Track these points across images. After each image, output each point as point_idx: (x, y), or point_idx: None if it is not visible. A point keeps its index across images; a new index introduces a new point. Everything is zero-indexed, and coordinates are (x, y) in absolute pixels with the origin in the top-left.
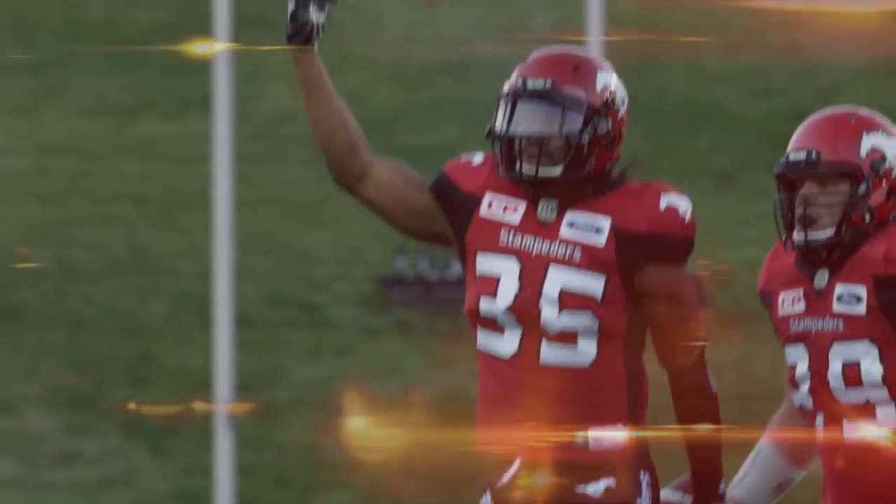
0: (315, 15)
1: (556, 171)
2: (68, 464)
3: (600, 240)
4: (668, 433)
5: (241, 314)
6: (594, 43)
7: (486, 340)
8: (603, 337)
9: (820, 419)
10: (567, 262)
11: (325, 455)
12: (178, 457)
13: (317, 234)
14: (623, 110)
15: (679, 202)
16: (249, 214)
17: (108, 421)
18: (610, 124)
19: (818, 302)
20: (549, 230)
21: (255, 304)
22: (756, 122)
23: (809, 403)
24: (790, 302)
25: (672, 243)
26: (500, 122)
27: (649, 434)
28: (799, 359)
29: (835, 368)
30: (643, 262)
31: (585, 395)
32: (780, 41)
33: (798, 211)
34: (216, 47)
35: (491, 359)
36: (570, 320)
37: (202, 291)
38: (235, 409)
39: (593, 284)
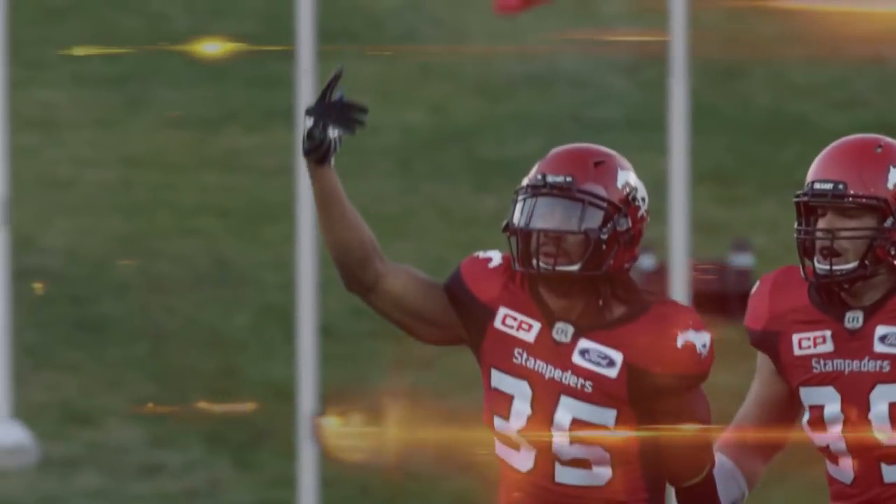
0: (332, 132)
1: (575, 267)
2: (152, 476)
3: (612, 373)
4: None
5: (325, 326)
6: (677, 51)
7: (503, 451)
8: (617, 461)
9: (848, 462)
10: (578, 394)
11: (409, 467)
12: (263, 468)
13: (401, 245)
14: (643, 209)
15: (697, 340)
16: None
17: (192, 433)
18: (630, 222)
19: (853, 343)
20: (561, 355)
21: (339, 316)
22: (841, 135)
23: (841, 446)
24: (811, 342)
25: (685, 379)
26: (518, 217)
27: None
28: (827, 400)
29: (880, 410)
30: (654, 396)
31: None
32: (864, 53)
33: (821, 242)
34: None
35: (510, 469)
36: (581, 450)
37: (286, 303)
38: (326, 420)
39: (604, 417)
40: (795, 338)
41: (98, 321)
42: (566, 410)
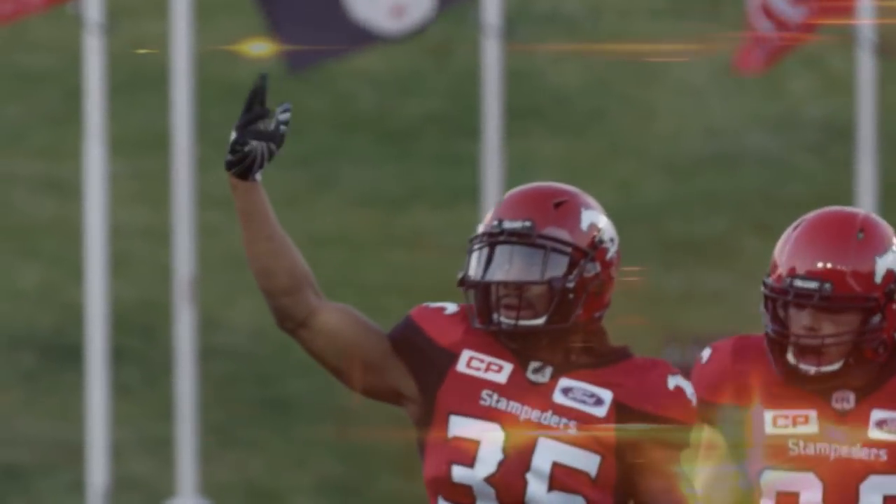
0: (259, 146)
1: (539, 321)
2: None
3: (600, 412)
4: None
5: None
6: (865, 128)
7: None
8: None
9: None
10: (560, 435)
11: None
12: None
13: None
14: (613, 251)
15: (686, 387)
16: None
17: None
18: (598, 267)
19: (842, 426)
20: (539, 395)
21: None
22: None
23: None
24: (789, 422)
25: (677, 427)
26: (474, 268)
27: None
28: (804, 487)
29: (871, 502)
30: (643, 443)
31: None
32: None
33: (802, 340)
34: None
35: None
36: (559, 500)
37: None
38: None
39: (588, 463)
40: (769, 415)
41: (284, 400)
42: (546, 454)
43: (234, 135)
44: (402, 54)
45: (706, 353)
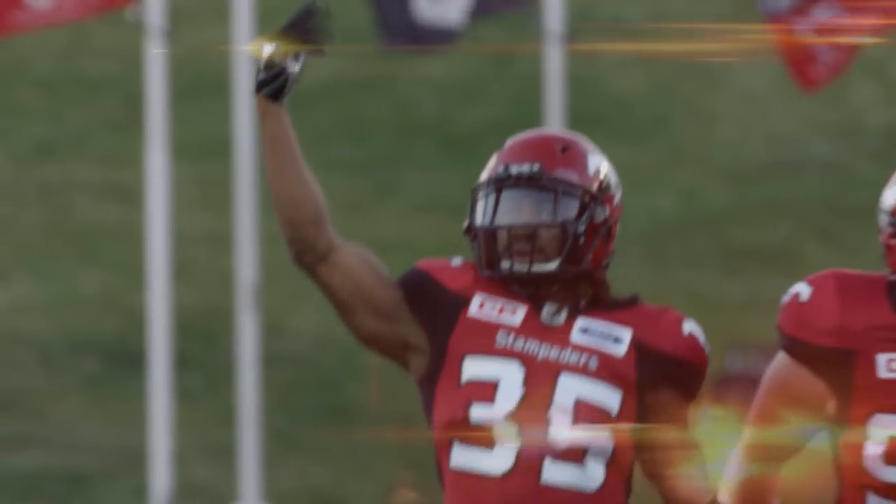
0: (292, 65)
1: (552, 266)
2: None
3: (619, 350)
4: None
5: None
6: None
7: (466, 457)
8: (612, 462)
9: None
10: (581, 371)
11: None
12: None
13: None
14: (618, 197)
15: (698, 333)
16: None
17: None
18: (607, 212)
19: None
20: (557, 335)
21: None
22: None
23: None
24: None
25: (692, 372)
26: (481, 215)
27: None
28: None
29: None
30: (660, 384)
31: None
32: None
33: None
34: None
35: (473, 479)
36: (583, 435)
37: None
38: None
39: (611, 398)
40: (882, 358)
41: (347, 406)
42: (568, 390)
43: (268, 49)
44: (464, 60)
45: (805, 291)
